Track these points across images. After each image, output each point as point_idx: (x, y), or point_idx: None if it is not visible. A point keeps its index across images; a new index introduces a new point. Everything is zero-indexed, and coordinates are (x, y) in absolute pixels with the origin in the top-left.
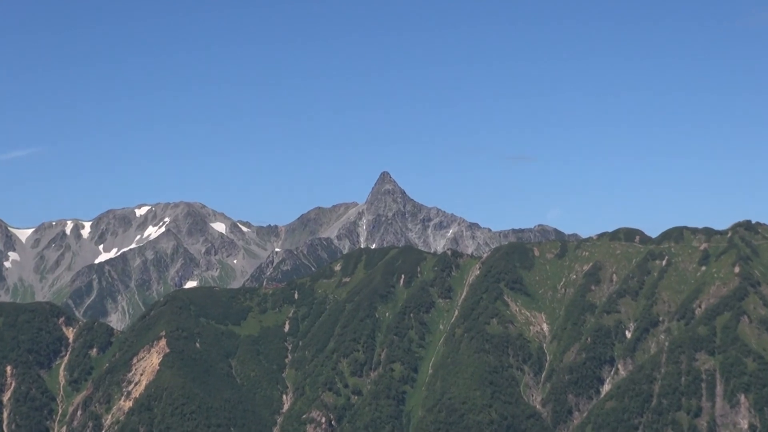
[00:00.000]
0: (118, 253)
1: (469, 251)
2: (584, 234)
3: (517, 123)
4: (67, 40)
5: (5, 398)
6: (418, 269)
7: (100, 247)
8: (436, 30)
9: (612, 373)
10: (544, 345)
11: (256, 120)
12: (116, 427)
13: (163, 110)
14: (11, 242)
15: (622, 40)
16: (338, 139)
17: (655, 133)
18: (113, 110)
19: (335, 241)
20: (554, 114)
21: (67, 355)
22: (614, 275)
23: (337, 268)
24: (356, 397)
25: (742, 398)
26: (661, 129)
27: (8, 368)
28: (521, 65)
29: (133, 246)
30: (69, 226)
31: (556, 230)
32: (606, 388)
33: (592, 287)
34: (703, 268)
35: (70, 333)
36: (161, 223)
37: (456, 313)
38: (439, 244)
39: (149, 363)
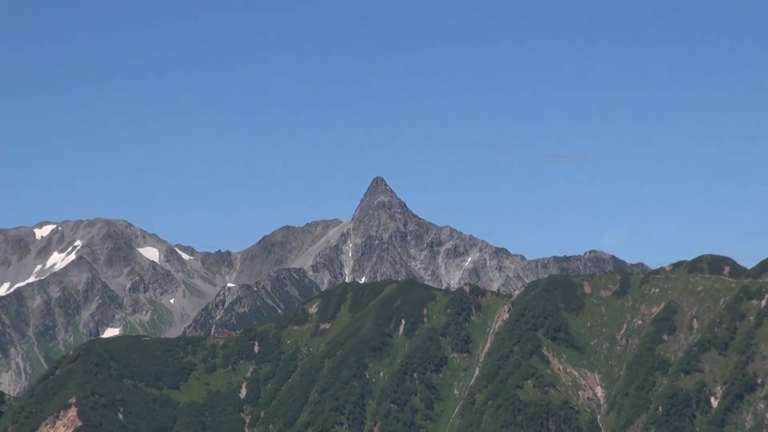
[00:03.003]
0: (11, 290)
1: (495, 287)
2: (653, 264)
3: (562, 110)
4: None
5: None
6: (425, 312)
7: None
8: None
9: None
10: (599, 416)
11: (200, 112)
12: None
13: (70, 99)
14: None
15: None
16: (313, 134)
17: (749, 126)
18: (6, 101)
19: (310, 273)
20: (614, 99)
21: None
22: (695, 320)
23: (313, 310)
24: None
25: None
26: (756, 121)
27: None
28: (568, 29)
29: (31, 279)
30: None
31: (614, 258)
32: None
33: (665, 337)
34: None
35: None
36: (71, 248)
37: (477, 372)
38: (454, 278)
39: None
